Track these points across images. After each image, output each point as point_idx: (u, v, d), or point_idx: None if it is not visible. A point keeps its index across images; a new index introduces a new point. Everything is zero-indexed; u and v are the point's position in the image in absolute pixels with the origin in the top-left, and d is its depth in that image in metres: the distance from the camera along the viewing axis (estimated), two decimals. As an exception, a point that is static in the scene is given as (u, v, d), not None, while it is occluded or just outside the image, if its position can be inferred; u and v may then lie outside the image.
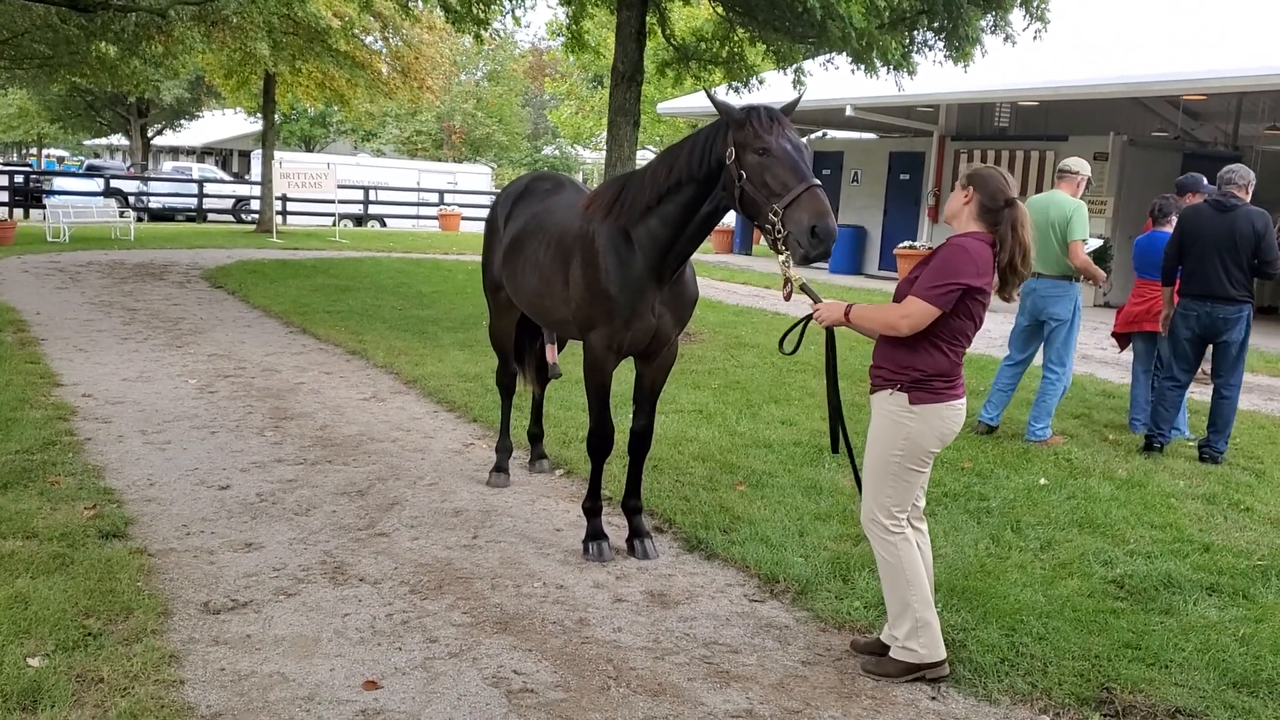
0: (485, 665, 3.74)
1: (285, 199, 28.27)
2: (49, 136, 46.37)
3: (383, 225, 32.72)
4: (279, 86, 23.98)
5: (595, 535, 4.92)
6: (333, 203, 27.15)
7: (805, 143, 4.13)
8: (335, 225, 27.04)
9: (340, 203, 27.79)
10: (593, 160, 49.40)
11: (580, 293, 4.69)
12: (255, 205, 29.26)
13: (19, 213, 27.46)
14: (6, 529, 4.71)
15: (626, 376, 5.39)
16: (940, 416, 3.66)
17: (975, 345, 8.20)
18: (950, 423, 3.69)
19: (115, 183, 30.27)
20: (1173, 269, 7.03)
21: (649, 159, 4.74)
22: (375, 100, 26.08)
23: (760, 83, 13.94)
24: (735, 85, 13.58)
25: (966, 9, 10.42)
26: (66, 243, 20.26)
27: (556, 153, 51.58)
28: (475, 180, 37.90)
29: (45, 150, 52.96)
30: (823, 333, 3.99)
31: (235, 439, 6.62)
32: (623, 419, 5.33)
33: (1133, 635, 4.10)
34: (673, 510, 5.45)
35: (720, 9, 12.34)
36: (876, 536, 3.77)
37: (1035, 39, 11.12)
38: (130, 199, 29.01)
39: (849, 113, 18.45)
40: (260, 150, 27.16)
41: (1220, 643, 4.06)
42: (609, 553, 4.87)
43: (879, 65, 11.31)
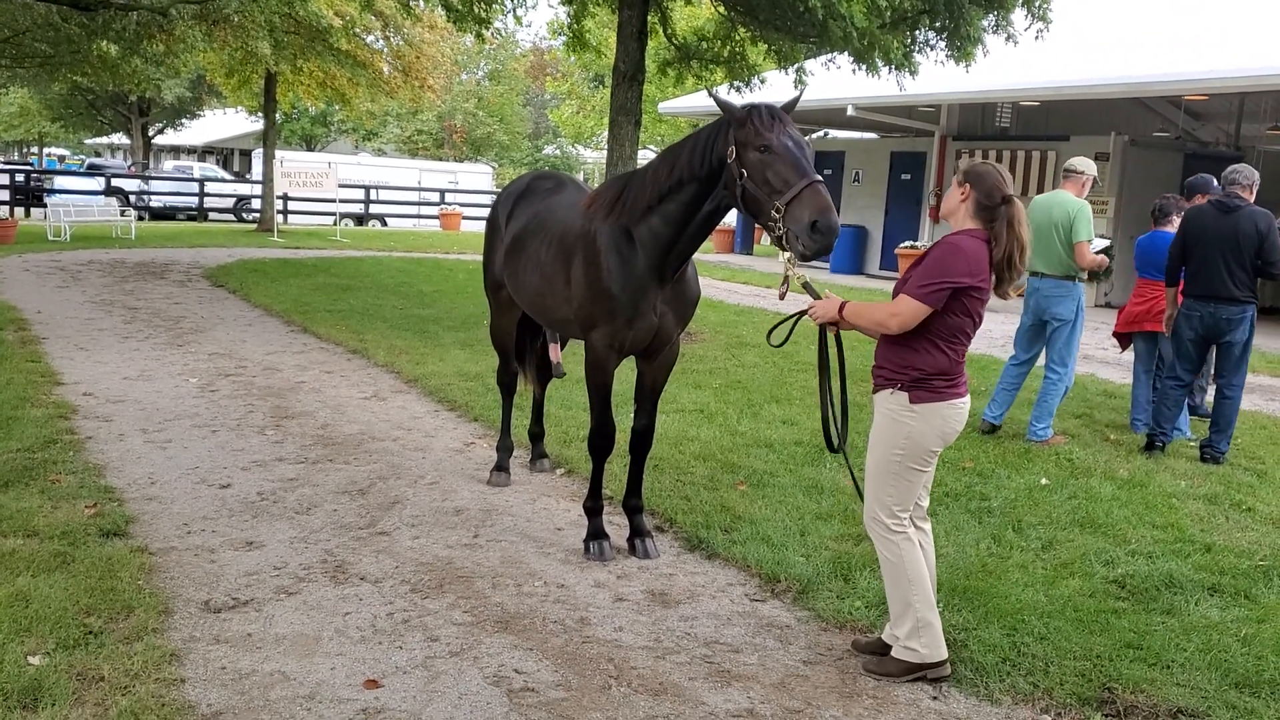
0: (486, 664, 3.74)
1: (286, 198, 28.30)
2: (50, 135, 46.41)
3: (384, 224, 32.73)
4: (280, 85, 24.00)
5: (596, 534, 4.91)
6: (334, 202, 27.18)
7: (807, 140, 4.13)
8: (336, 224, 27.06)
9: (341, 202, 27.81)
10: (594, 160, 49.40)
11: (582, 291, 4.69)
12: (256, 204, 29.28)
13: (20, 211, 27.47)
14: (7, 527, 4.71)
15: (628, 376, 5.39)
16: (941, 415, 3.65)
17: (975, 345, 8.20)
18: (952, 421, 3.68)
19: (116, 182, 30.29)
20: (1177, 269, 7.02)
21: (650, 158, 4.72)
22: (376, 99, 26.09)
23: (762, 82, 13.92)
24: (737, 85, 13.56)
25: (968, 9, 10.41)
26: (67, 241, 20.27)
27: (557, 152, 51.57)
28: (476, 179, 37.89)
29: (46, 149, 52.98)
30: (816, 330, 3.99)
31: (236, 438, 6.62)
32: (624, 418, 5.33)
33: (1134, 635, 4.10)
34: (674, 509, 5.45)
35: (722, 8, 12.33)
36: (878, 536, 3.76)
37: (1037, 39, 11.11)
38: (131, 198, 29.00)
39: (850, 112, 18.45)
40: (261, 149, 27.16)
41: (1222, 643, 4.05)
42: (610, 552, 4.86)
43: (881, 65, 11.30)
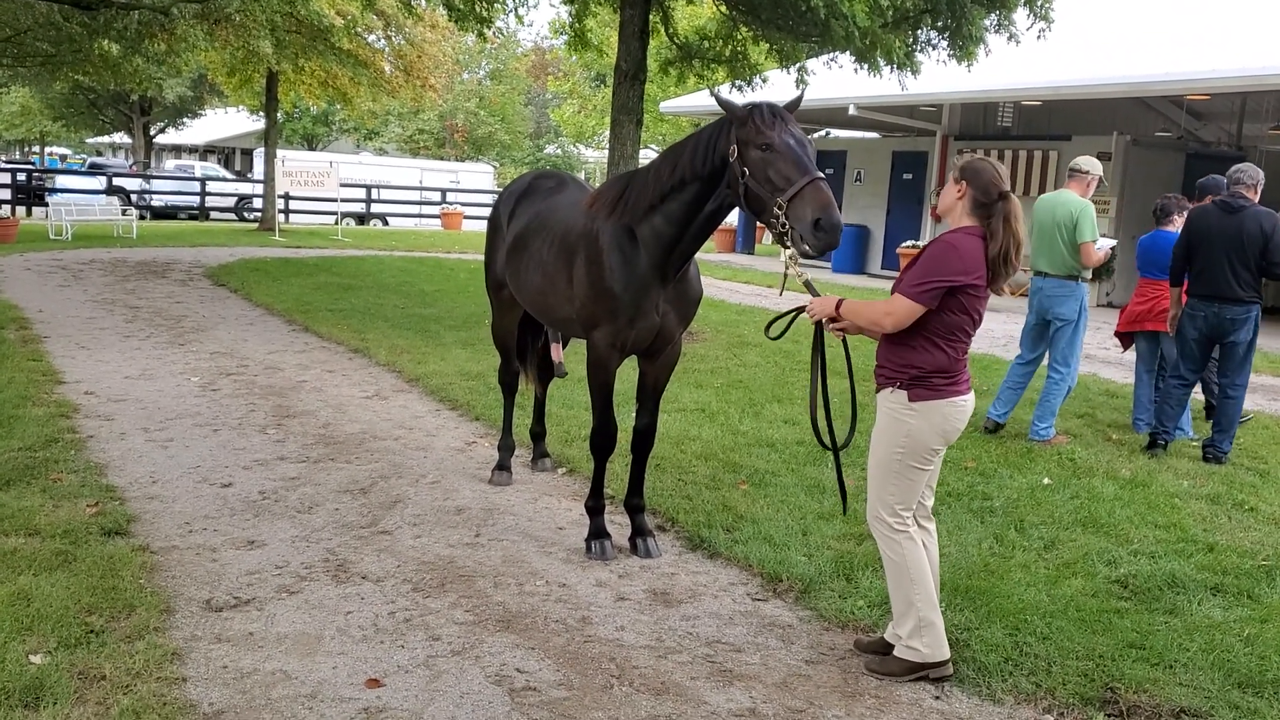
0: (488, 663, 3.73)
1: (288, 197, 28.30)
2: (51, 134, 46.41)
3: (385, 224, 32.74)
4: (282, 85, 24.00)
5: (598, 534, 4.91)
6: (335, 201, 27.19)
7: (808, 138, 4.12)
8: (338, 224, 27.05)
9: (343, 201, 27.81)
10: (595, 159, 49.39)
11: (584, 291, 4.68)
12: (258, 204, 29.27)
13: (22, 210, 27.48)
14: (9, 526, 4.71)
15: (629, 375, 5.38)
16: (941, 413, 3.64)
17: (977, 344, 8.19)
18: (952, 420, 3.67)
19: (118, 181, 30.30)
20: (1181, 269, 7.01)
21: (652, 157, 4.72)
22: (378, 99, 26.09)
23: (763, 81, 13.91)
24: (739, 84, 13.55)
25: (970, 8, 10.40)
26: (69, 241, 20.29)
27: (559, 151, 51.57)
28: (477, 179, 37.89)
29: (48, 148, 53.00)
30: (814, 328, 3.98)
31: (238, 437, 6.62)
32: (625, 417, 5.32)
33: (1137, 635, 4.09)
34: (675, 509, 5.44)
35: (724, 7, 12.32)
36: (881, 534, 3.76)
37: (1039, 38, 11.09)
38: (133, 197, 29.00)
39: (852, 112, 18.44)
40: (263, 148, 27.16)
41: (1225, 643, 4.04)
42: (611, 551, 4.86)
43: (882, 64, 11.28)
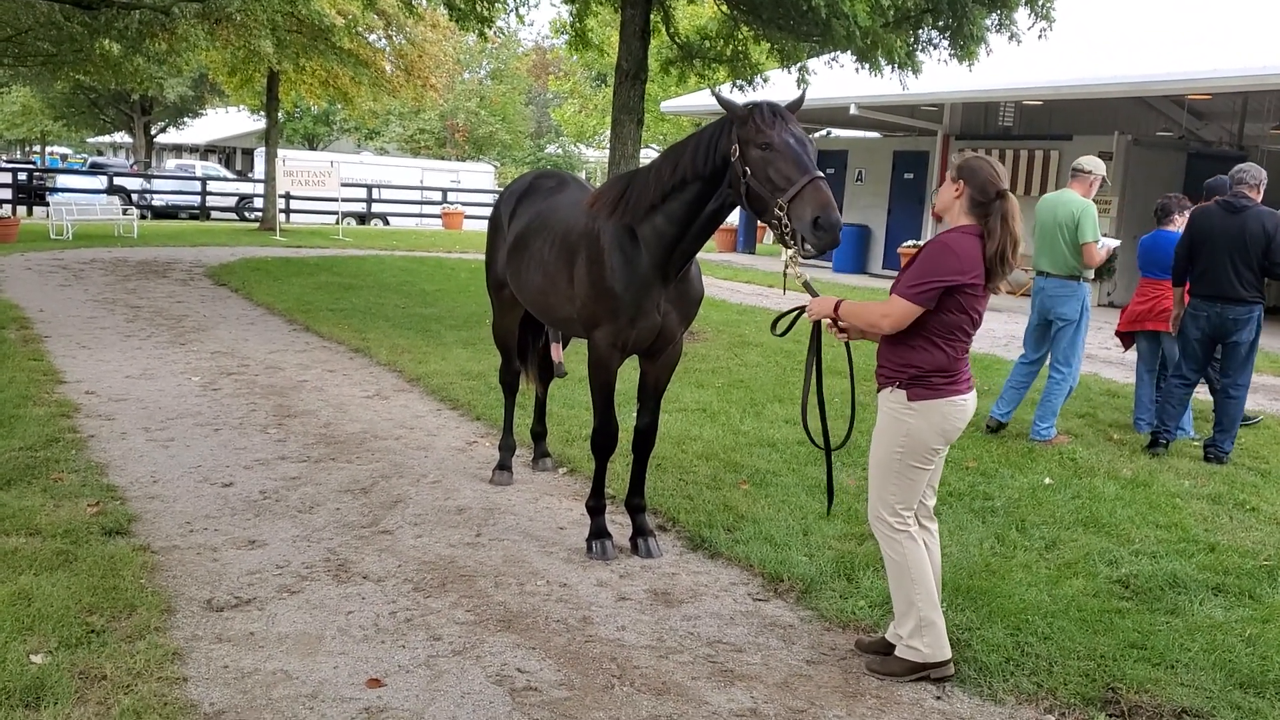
0: (489, 663, 3.73)
1: (289, 197, 28.29)
2: (52, 134, 46.42)
3: (386, 223, 32.74)
4: (283, 84, 24.01)
5: (599, 533, 4.91)
6: (336, 201, 27.19)
7: (809, 137, 4.12)
8: (338, 223, 27.07)
9: (344, 201, 27.81)
10: (596, 159, 49.40)
11: (585, 290, 4.68)
12: (259, 203, 29.29)
13: (22, 210, 27.47)
14: (9, 526, 4.71)
15: (630, 375, 5.38)
16: (941, 413, 3.64)
17: (978, 344, 8.19)
18: (952, 419, 3.66)
19: (118, 180, 30.30)
20: (1183, 269, 7.00)
21: (653, 157, 4.71)
22: (379, 98, 26.10)
23: (765, 81, 13.91)
24: (740, 83, 13.54)
25: (972, 8, 10.39)
26: (70, 240, 20.29)
27: (560, 151, 51.57)
28: (478, 178, 37.91)
29: (49, 148, 53.01)
30: (811, 328, 3.98)
31: (238, 436, 6.62)
32: (626, 417, 5.32)
33: (1138, 635, 4.09)
34: (676, 509, 5.44)
35: (725, 7, 12.32)
36: (882, 534, 3.75)
37: (1040, 38, 11.07)
38: (133, 196, 29.00)
39: (853, 111, 18.43)
40: (264, 148, 27.16)
41: (1226, 643, 4.04)
42: (612, 551, 4.86)
43: (884, 64, 11.28)
